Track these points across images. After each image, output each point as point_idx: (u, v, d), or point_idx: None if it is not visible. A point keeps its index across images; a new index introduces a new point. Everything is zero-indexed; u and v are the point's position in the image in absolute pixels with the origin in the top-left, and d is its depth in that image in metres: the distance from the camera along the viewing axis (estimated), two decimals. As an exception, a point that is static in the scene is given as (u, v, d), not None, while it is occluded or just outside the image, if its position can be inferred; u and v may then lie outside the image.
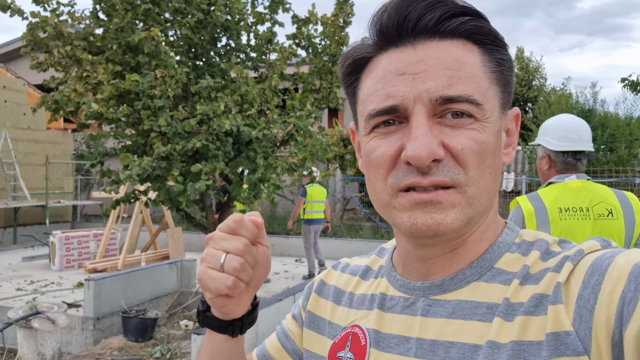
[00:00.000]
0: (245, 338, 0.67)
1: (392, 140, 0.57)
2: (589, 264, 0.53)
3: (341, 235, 11.64)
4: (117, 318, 5.73)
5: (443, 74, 0.56)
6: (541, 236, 0.62)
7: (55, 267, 8.79)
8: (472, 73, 0.57)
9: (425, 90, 0.55)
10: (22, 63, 16.13)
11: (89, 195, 15.86)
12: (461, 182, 0.56)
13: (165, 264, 6.90)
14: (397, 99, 0.56)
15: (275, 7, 5.92)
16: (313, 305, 0.77)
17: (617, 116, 11.65)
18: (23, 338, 4.53)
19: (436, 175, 0.55)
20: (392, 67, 0.58)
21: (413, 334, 0.61)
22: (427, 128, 0.55)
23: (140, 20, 5.50)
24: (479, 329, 0.56)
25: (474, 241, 0.61)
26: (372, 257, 0.76)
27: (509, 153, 0.64)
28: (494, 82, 0.59)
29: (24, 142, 13.27)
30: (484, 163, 0.57)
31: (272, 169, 5.40)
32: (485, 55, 0.59)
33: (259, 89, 5.47)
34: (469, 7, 0.58)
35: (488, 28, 0.59)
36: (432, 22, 0.57)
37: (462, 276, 0.61)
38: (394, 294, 0.66)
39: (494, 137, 0.58)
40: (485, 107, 0.57)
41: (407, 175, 0.56)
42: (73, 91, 5.03)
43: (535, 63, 21.51)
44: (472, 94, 0.56)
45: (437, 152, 0.54)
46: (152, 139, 5.03)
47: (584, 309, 0.51)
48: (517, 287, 0.57)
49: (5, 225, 12.58)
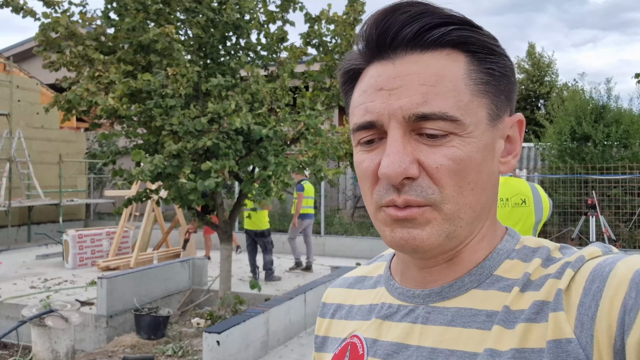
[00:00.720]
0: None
1: (373, 155, 0.58)
2: (590, 271, 0.53)
3: (352, 233, 11.62)
4: (129, 316, 5.78)
5: (418, 90, 0.55)
6: (543, 243, 0.61)
7: (68, 265, 8.89)
8: (450, 87, 0.55)
9: (399, 107, 0.55)
10: (34, 62, 16.31)
11: (102, 194, 16.01)
12: (435, 200, 0.55)
13: (177, 262, 6.94)
14: (374, 115, 0.56)
15: (287, 5, 5.91)
16: (319, 328, 0.77)
17: (632, 112, 11.49)
18: (37, 336, 4.58)
19: (408, 195, 0.55)
20: (372, 82, 0.57)
21: (413, 342, 0.60)
22: (400, 145, 0.54)
23: (152, 20, 5.52)
24: (478, 337, 0.56)
25: (469, 251, 0.61)
26: (371, 266, 0.76)
27: (508, 162, 0.62)
28: (480, 94, 0.57)
29: (38, 140, 13.41)
30: (464, 180, 0.56)
31: (282, 166, 5.40)
32: (473, 65, 0.57)
33: (270, 88, 5.46)
34: (454, 16, 0.56)
35: (476, 37, 0.57)
36: (410, 35, 0.55)
37: (461, 283, 0.60)
38: (393, 302, 0.65)
39: (478, 151, 0.56)
40: (464, 121, 0.55)
41: (386, 193, 0.56)
42: (85, 90, 5.07)
43: (547, 59, 21.28)
44: (448, 110, 0.54)
45: (407, 171, 0.54)
46: (164, 137, 5.05)
47: (585, 316, 0.50)
48: (517, 294, 0.56)
49: (19, 224, 12.74)
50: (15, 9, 5.16)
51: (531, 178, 10.61)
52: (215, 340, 4.17)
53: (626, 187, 9.96)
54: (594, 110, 10.84)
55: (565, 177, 10.32)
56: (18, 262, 9.54)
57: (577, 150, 10.65)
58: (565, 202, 10.37)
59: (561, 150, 10.81)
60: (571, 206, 10.30)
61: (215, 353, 4.17)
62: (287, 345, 5.17)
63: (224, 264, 6.13)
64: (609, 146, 10.49)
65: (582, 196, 10.06)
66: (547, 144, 11.39)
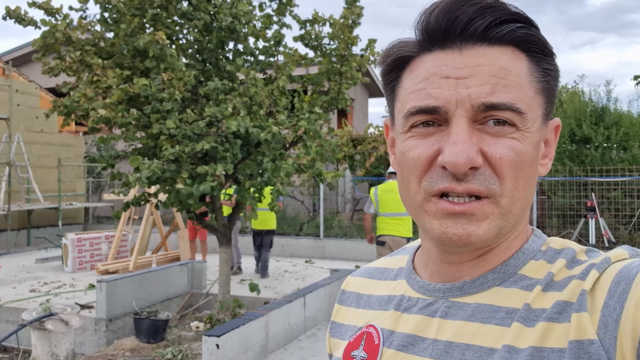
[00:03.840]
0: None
1: (429, 142, 0.57)
2: (616, 273, 0.52)
3: (351, 235, 11.62)
4: (129, 319, 5.77)
5: (488, 80, 0.55)
6: (569, 244, 0.61)
7: (68, 269, 8.89)
8: (517, 82, 0.56)
9: (468, 95, 0.55)
10: (34, 67, 16.32)
11: (101, 197, 16.00)
12: (496, 192, 0.55)
13: (176, 266, 6.94)
14: (440, 101, 0.56)
15: (283, 9, 5.92)
16: (336, 315, 0.78)
17: (631, 114, 11.51)
18: (37, 339, 4.58)
19: (472, 183, 0.54)
20: (437, 70, 0.57)
21: (430, 335, 0.60)
22: (467, 134, 0.54)
23: (150, 25, 5.53)
24: (497, 332, 0.56)
25: (501, 248, 0.61)
26: (394, 258, 0.76)
27: (546, 164, 0.63)
28: (539, 92, 0.58)
29: (37, 145, 13.41)
30: (520, 174, 0.56)
31: (278, 172, 5.39)
32: (533, 64, 0.58)
33: (268, 91, 5.47)
34: (520, 14, 0.57)
35: (537, 37, 0.58)
36: (481, 27, 0.56)
37: (484, 280, 0.60)
38: (413, 295, 0.65)
39: (533, 147, 0.57)
40: (527, 116, 0.56)
41: (441, 180, 0.55)
42: (83, 96, 5.08)
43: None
44: (516, 102, 0.55)
45: (475, 160, 0.54)
46: (162, 141, 5.06)
47: (610, 317, 0.50)
48: (539, 293, 0.56)
49: (19, 227, 12.73)
50: (17, 20, 5.20)
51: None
52: (215, 344, 4.17)
53: (626, 189, 9.96)
54: (593, 112, 10.85)
55: (565, 179, 10.33)
56: (18, 265, 9.53)
57: (577, 152, 10.65)
58: (564, 204, 10.37)
59: (560, 152, 10.82)
60: (570, 208, 10.31)
61: (214, 357, 4.16)
62: (287, 349, 5.17)
63: (223, 268, 6.13)
64: (608, 148, 10.50)
65: (582, 198, 10.07)
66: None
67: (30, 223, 12.79)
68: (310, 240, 11.05)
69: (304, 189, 13.25)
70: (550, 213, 10.74)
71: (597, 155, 10.32)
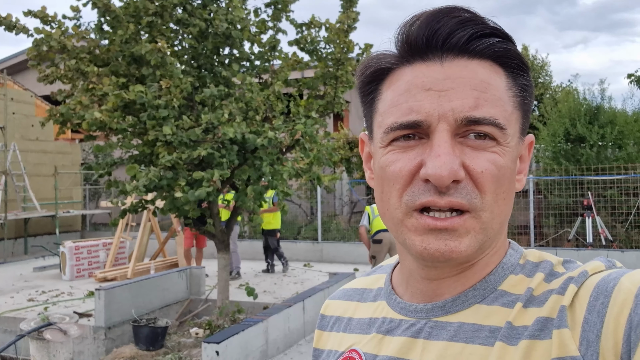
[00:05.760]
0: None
1: (411, 155, 0.56)
2: (594, 286, 0.52)
3: (349, 238, 11.62)
4: (128, 327, 5.76)
5: (470, 94, 0.55)
6: (546, 257, 0.61)
7: (66, 277, 8.86)
8: (498, 96, 0.56)
9: (451, 109, 0.54)
10: (29, 75, 16.29)
11: (98, 205, 15.96)
12: (477, 206, 0.55)
13: (175, 272, 6.92)
14: (422, 115, 0.55)
15: (278, 14, 5.93)
16: (317, 341, 0.76)
17: (625, 113, 11.56)
18: (36, 349, 4.56)
19: (454, 197, 0.54)
20: (418, 82, 0.56)
21: (415, 357, 0.59)
22: (450, 147, 0.54)
23: (145, 32, 5.54)
24: (481, 352, 0.55)
25: (482, 264, 0.60)
26: (371, 278, 0.75)
27: (521, 179, 0.63)
28: (517, 107, 0.58)
29: (33, 153, 13.38)
30: (500, 188, 0.56)
31: (279, 175, 5.40)
32: (510, 79, 0.58)
33: (264, 96, 5.48)
34: (498, 29, 0.57)
35: (515, 52, 0.58)
36: (463, 39, 0.55)
37: (465, 298, 0.60)
38: (394, 317, 0.64)
39: (512, 162, 0.57)
40: (508, 131, 0.56)
41: (423, 194, 0.54)
42: (78, 103, 5.08)
43: (541, 61, 21.40)
44: (497, 117, 0.55)
45: (458, 173, 0.53)
46: (158, 148, 5.06)
47: (591, 333, 0.50)
48: (520, 310, 0.56)
49: (16, 236, 12.68)
50: (8, 27, 5.19)
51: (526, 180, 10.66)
52: (215, 351, 4.16)
53: (622, 187, 10.00)
54: (588, 111, 10.90)
55: (561, 178, 10.36)
56: (15, 275, 9.50)
57: (572, 151, 10.70)
58: (561, 203, 10.41)
59: (555, 152, 10.86)
60: (567, 207, 10.34)
61: (214, 363, 4.15)
62: (287, 354, 5.16)
63: (222, 273, 6.13)
64: (603, 147, 10.54)
65: (578, 197, 10.10)
66: (542, 146, 11.44)
67: (27, 232, 12.75)
68: (308, 244, 11.04)
69: (301, 192, 13.25)
70: (547, 212, 10.77)
71: (592, 154, 10.37)
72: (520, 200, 10.67)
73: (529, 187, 10.36)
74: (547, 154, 11.18)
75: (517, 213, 10.69)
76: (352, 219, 13.62)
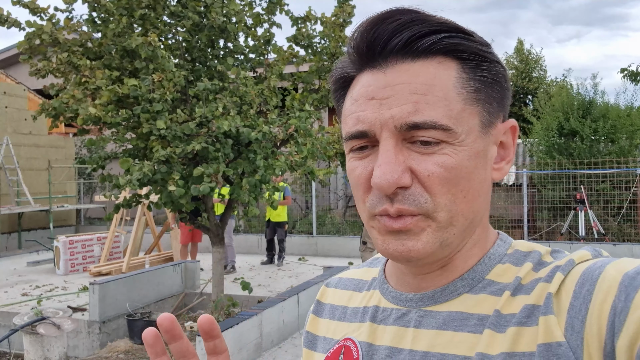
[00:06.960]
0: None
1: (365, 163, 0.58)
2: (580, 274, 0.53)
3: (344, 232, 11.65)
4: (122, 321, 5.76)
5: (409, 99, 0.54)
6: (535, 247, 0.62)
7: (60, 272, 8.84)
8: (441, 96, 0.55)
9: (391, 117, 0.55)
10: (21, 68, 16.16)
11: (92, 199, 15.91)
12: (428, 209, 0.55)
13: (170, 266, 6.93)
14: (366, 125, 0.56)
15: (273, 7, 5.91)
16: (311, 325, 0.77)
17: (618, 107, 11.62)
18: (29, 344, 4.56)
19: (402, 204, 0.55)
20: (364, 91, 0.57)
21: (406, 346, 0.60)
22: (392, 155, 0.54)
23: (138, 25, 5.50)
24: (470, 340, 0.56)
25: (462, 258, 0.61)
26: (365, 269, 0.76)
27: (501, 168, 0.62)
28: (472, 102, 0.57)
29: (26, 147, 13.30)
30: (456, 187, 0.56)
31: (271, 169, 5.40)
32: (465, 73, 0.57)
33: (258, 90, 5.47)
34: (445, 24, 0.56)
35: (467, 45, 0.57)
36: (400, 43, 0.55)
37: (453, 287, 0.61)
38: (387, 305, 0.65)
39: (470, 159, 0.56)
40: (456, 130, 0.55)
41: (379, 202, 0.56)
42: (71, 97, 5.04)
43: (535, 55, 21.45)
44: (439, 119, 0.54)
45: (400, 180, 0.54)
46: (152, 142, 5.04)
47: (576, 319, 0.51)
48: (508, 298, 0.57)
49: (9, 231, 12.63)
50: (0, 22, 5.14)
51: (519, 174, 10.70)
52: (209, 344, 4.17)
53: (614, 181, 10.07)
54: (581, 105, 10.95)
55: (554, 172, 10.42)
56: (9, 269, 9.47)
57: (565, 145, 10.75)
58: (554, 197, 10.47)
59: (549, 146, 10.91)
60: (560, 201, 10.41)
61: (208, 356, 4.16)
62: (281, 347, 5.19)
63: (216, 267, 6.13)
64: (596, 141, 10.60)
65: (571, 191, 10.17)
66: (535, 140, 11.48)
67: (21, 226, 12.70)
68: (303, 238, 11.07)
69: (296, 186, 13.26)
70: (540, 206, 10.84)
71: (585, 147, 10.43)
72: (514, 194, 10.72)
73: (523, 181, 10.41)
74: (540, 148, 11.23)
75: (510, 207, 10.75)
76: (347, 213, 13.65)
